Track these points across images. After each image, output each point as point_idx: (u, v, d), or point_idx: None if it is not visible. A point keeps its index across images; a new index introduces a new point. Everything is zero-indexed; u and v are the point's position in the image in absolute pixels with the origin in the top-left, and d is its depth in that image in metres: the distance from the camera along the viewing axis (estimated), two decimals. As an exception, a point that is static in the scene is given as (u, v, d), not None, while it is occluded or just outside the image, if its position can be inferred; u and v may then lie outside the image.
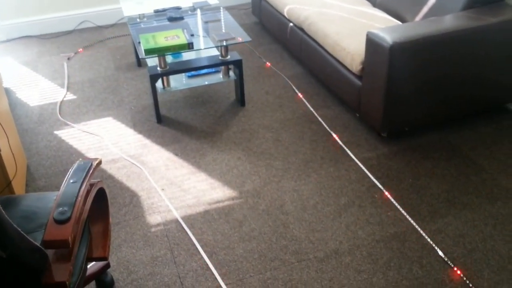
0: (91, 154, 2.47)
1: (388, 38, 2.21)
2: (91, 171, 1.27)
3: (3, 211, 0.90)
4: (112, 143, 2.55)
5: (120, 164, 2.39)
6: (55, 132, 2.65)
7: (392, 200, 2.13)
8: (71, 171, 1.27)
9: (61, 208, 1.13)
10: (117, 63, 3.38)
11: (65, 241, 1.06)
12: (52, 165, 2.40)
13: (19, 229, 0.96)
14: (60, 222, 1.10)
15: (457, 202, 2.10)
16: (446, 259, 1.83)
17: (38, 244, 1.05)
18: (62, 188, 1.21)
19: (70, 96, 3.00)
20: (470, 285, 1.73)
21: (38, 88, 3.10)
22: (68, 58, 3.48)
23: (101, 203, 1.42)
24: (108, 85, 3.10)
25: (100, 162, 1.35)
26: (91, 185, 1.29)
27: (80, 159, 1.35)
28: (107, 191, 1.41)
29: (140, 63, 3.34)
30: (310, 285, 1.76)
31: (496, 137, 2.49)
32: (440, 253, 1.86)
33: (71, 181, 1.23)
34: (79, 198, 1.16)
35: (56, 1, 3.84)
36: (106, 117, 2.78)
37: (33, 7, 3.81)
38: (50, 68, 3.36)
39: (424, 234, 1.95)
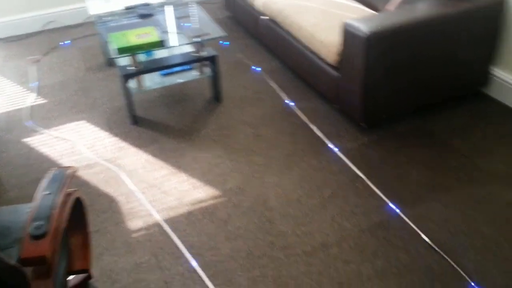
0: (64, 161, 2.39)
1: (364, 28, 2.19)
2: (67, 181, 1.22)
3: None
4: (87, 148, 2.47)
5: (96, 169, 2.32)
6: (25, 139, 2.56)
7: (375, 189, 2.12)
8: (45, 181, 1.21)
9: (36, 223, 1.07)
10: (88, 63, 3.29)
11: (44, 258, 1.01)
12: (23, 174, 2.31)
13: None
14: (36, 237, 1.04)
15: (438, 187, 2.11)
16: (431, 244, 1.84)
17: (14, 262, 0.99)
18: (37, 201, 1.15)
19: (40, 101, 2.89)
20: (457, 268, 1.74)
21: (4, 94, 2.99)
22: (37, 61, 3.36)
23: (78, 213, 1.36)
24: (79, 87, 3.01)
25: (75, 171, 1.29)
26: (67, 195, 1.23)
27: (55, 168, 1.29)
28: (84, 199, 1.36)
29: (110, 63, 3.25)
30: (300, 280, 1.74)
31: (472, 121, 2.51)
32: (426, 238, 1.86)
33: (46, 192, 1.17)
34: (56, 210, 1.11)
35: (21, 1, 3.70)
36: (79, 120, 2.70)
37: (-4, 9, 3.67)
38: (17, 72, 3.24)
39: (408, 221, 1.95)
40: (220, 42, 3.48)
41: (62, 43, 3.60)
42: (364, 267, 1.78)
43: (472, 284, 1.68)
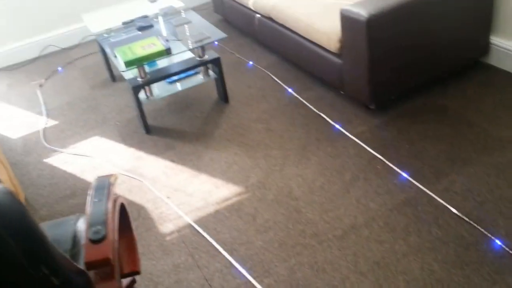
0: (86, 176, 2.43)
1: (363, 12, 2.24)
2: (111, 187, 1.26)
3: (47, 237, 0.88)
4: (106, 161, 2.51)
5: (118, 180, 2.36)
6: (45, 160, 2.59)
7: (395, 168, 2.17)
8: (92, 190, 1.25)
9: (94, 228, 1.11)
10: (91, 82, 3.32)
11: (107, 260, 1.05)
12: (50, 193, 2.34)
13: (64, 254, 0.94)
14: (96, 241, 1.08)
15: (456, 159, 2.16)
16: (460, 215, 1.89)
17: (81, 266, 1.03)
18: (89, 208, 1.18)
19: (52, 122, 2.93)
20: (489, 235, 1.79)
21: (16, 120, 3.02)
22: (40, 85, 3.39)
23: (123, 218, 1.40)
24: (87, 105, 3.04)
25: (117, 178, 1.33)
26: (114, 201, 1.27)
27: (97, 176, 1.33)
28: (126, 205, 1.40)
29: (114, 78, 3.29)
30: (336, 263, 1.78)
31: (478, 91, 2.56)
32: (454, 210, 1.91)
33: (95, 200, 1.20)
34: (109, 215, 1.15)
35: (15, 30, 3.74)
36: (92, 136, 2.73)
37: (-8, 39, 3.70)
38: (24, 98, 3.27)
39: (433, 195, 2.00)
40: (215, 44, 3.53)
41: (60, 68, 3.63)
42: (398, 244, 1.82)
43: (507, 249, 1.73)
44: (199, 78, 2.80)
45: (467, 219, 1.87)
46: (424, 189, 2.03)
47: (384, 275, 1.72)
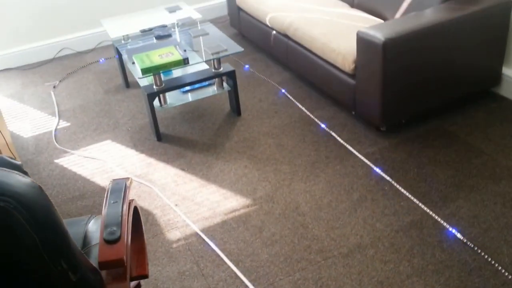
0: (96, 179, 2.45)
1: (379, 35, 2.28)
2: (128, 190, 1.28)
3: (69, 233, 0.90)
4: (116, 165, 2.54)
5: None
6: (55, 160, 2.62)
7: (402, 190, 2.18)
8: (109, 192, 1.27)
9: (109, 229, 1.13)
10: (105, 86, 3.37)
11: (121, 260, 1.07)
12: (59, 193, 2.37)
13: (82, 251, 0.96)
14: (111, 242, 1.10)
15: (464, 185, 2.18)
16: (465, 241, 1.90)
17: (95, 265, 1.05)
18: (105, 209, 1.21)
19: (64, 124, 2.96)
20: (493, 262, 1.79)
21: (28, 119, 3.06)
22: (54, 87, 3.44)
23: (135, 221, 1.42)
24: (100, 109, 3.08)
25: (131, 181, 1.35)
26: (128, 204, 1.29)
27: (112, 179, 1.35)
28: (139, 208, 1.42)
29: (128, 84, 3.33)
30: (340, 281, 1.79)
31: (488, 119, 2.59)
32: (459, 235, 1.92)
33: (112, 201, 1.23)
34: (125, 217, 1.17)
35: (32, 31, 3.80)
36: (104, 140, 2.76)
37: (8, 39, 3.76)
38: (37, 98, 3.31)
39: (439, 219, 2.01)
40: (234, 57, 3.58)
41: (76, 69, 3.68)
42: (402, 266, 1.83)
43: (510, 277, 1.74)
44: (212, 90, 2.83)
45: (471, 244, 1.88)
46: (430, 212, 2.05)
47: (388, 296, 1.72)
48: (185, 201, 2.24)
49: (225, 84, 2.85)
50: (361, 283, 1.77)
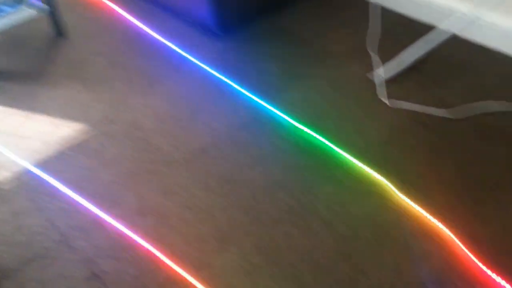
0: None
1: None
2: None
3: None
4: None
5: None
6: None
7: (239, 88, 2.20)
8: None
9: None
10: None
11: None
12: None
13: None
14: None
15: (296, 75, 2.25)
16: (296, 124, 1.99)
17: None
18: None
19: None
20: (321, 138, 1.92)
21: None
22: None
23: None
24: None
25: None
26: None
27: None
28: None
29: None
30: (188, 184, 1.79)
31: (317, 10, 2.66)
32: (292, 121, 2.01)
33: None
34: None
35: None
36: None
37: None
38: None
39: (276, 110, 2.07)
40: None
41: None
42: (243, 158, 1.88)
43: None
44: (28, 13, 2.50)
45: (304, 128, 1.98)
46: (267, 105, 2.10)
47: (231, 188, 1.77)
48: (11, 137, 2.02)
49: (41, 4, 2.53)
50: (207, 184, 1.79)
